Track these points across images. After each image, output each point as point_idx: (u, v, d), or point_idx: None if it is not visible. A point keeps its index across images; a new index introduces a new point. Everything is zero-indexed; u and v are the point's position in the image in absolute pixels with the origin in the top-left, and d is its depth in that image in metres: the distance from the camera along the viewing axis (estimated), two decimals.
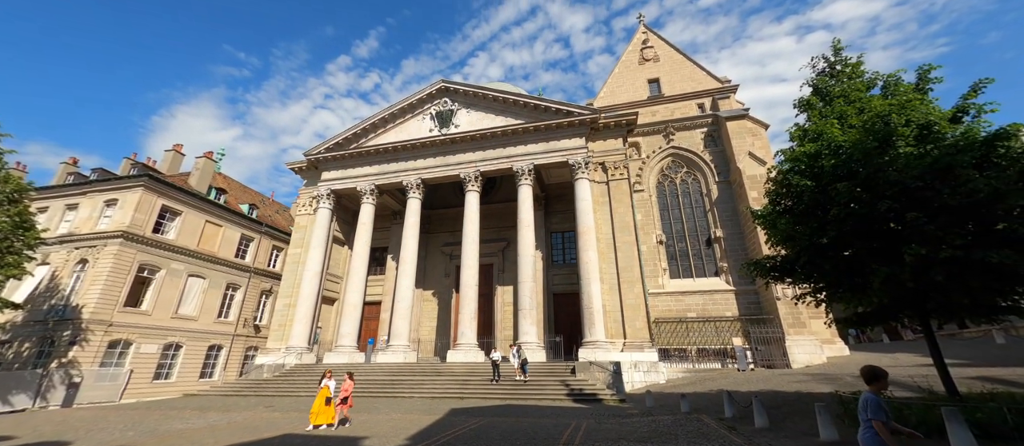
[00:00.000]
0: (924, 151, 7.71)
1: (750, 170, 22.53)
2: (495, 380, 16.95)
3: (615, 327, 19.94)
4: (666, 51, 30.66)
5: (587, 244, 20.84)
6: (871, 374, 4.15)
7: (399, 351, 21.72)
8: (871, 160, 7.69)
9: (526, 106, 24.60)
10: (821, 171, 8.81)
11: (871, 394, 4.03)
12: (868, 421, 3.90)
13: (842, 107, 9.35)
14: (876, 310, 8.43)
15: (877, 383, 4.11)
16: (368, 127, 27.04)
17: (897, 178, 7.29)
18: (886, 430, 3.79)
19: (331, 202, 26.45)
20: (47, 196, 26.51)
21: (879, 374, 4.13)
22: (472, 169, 24.12)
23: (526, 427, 10.41)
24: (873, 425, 3.84)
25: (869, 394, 4.04)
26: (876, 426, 3.81)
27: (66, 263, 23.72)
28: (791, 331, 19.46)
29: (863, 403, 4.02)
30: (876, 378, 4.11)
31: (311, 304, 24.06)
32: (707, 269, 23.70)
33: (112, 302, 22.55)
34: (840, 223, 7.98)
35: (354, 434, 10.24)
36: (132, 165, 28.41)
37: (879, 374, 4.13)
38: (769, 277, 9.99)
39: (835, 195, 7.99)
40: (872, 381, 4.12)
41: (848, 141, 8.44)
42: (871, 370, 4.18)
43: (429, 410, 13.53)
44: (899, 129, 7.84)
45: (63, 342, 21.08)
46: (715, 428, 9.12)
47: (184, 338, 25.86)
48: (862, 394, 4.13)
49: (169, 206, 26.05)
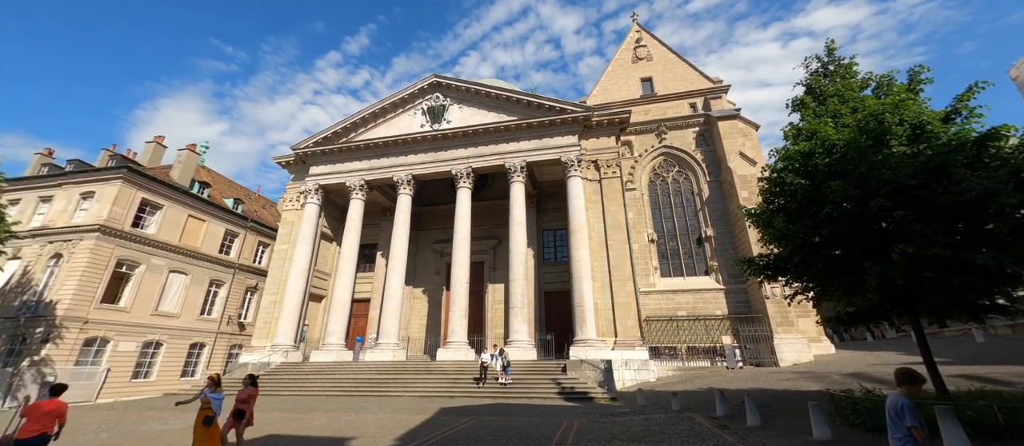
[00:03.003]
0: (917, 150, 7.73)
1: (741, 170, 22.70)
2: (480, 383, 16.63)
3: (606, 325, 19.90)
4: (659, 50, 30.74)
5: (579, 242, 20.75)
6: (907, 377, 3.93)
7: (388, 349, 21.38)
8: (865, 158, 7.68)
9: (519, 103, 24.39)
10: (815, 170, 8.79)
11: (905, 399, 3.79)
12: (907, 428, 3.70)
13: (836, 106, 9.36)
14: (867, 308, 8.47)
15: (912, 386, 3.92)
16: (358, 121, 26.54)
17: (891, 176, 7.29)
18: (926, 438, 3.64)
19: (319, 197, 25.92)
20: (19, 188, 25.43)
21: (915, 377, 3.94)
22: (464, 165, 23.84)
23: (517, 426, 10.26)
24: (914, 433, 3.65)
25: (903, 398, 3.80)
26: (917, 434, 3.63)
27: (39, 257, 22.78)
28: (779, 330, 19.67)
29: (897, 408, 3.77)
30: (912, 381, 3.92)
31: (298, 301, 23.55)
32: (698, 268, 23.83)
33: (88, 298, 21.72)
34: (833, 222, 7.97)
35: (340, 434, 9.96)
36: (111, 157, 27.46)
37: (915, 377, 3.94)
38: (762, 275, 9.98)
39: (829, 193, 7.98)
40: (906, 384, 3.92)
41: (842, 140, 8.44)
42: (907, 373, 3.96)
43: (418, 409, 13.29)
44: (893, 128, 7.85)
45: (36, 339, 20.24)
46: (707, 426, 9.07)
47: (165, 336, 25.08)
48: (891, 397, 3.90)
49: (149, 199, 25.20)
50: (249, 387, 8.05)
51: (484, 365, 16.99)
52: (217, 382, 7.66)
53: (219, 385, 7.67)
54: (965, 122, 8.15)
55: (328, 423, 11.61)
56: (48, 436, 5.96)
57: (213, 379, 7.70)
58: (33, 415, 5.96)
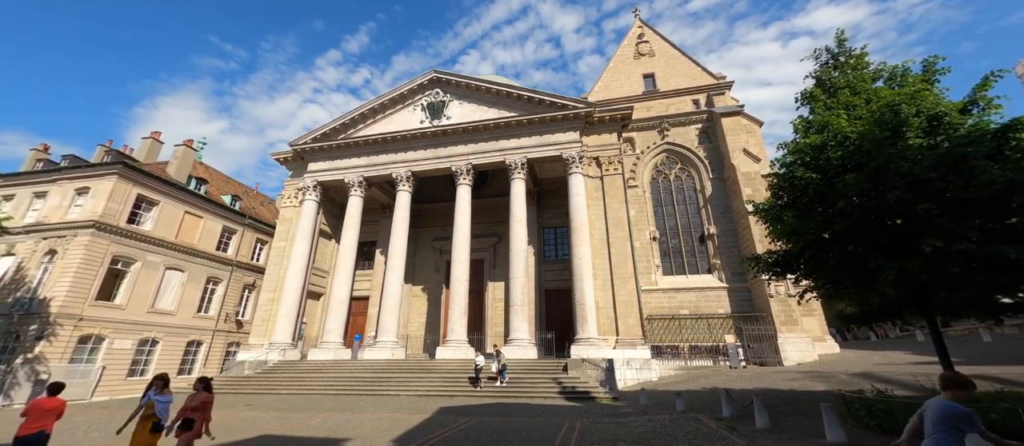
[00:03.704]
0: (935, 142, 7.45)
1: (745, 167, 22.41)
2: (478, 386, 16.11)
3: (608, 324, 19.61)
4: (661, 46, 30.40)
5: (581, 239, 20.45)
6: (955, 381, 3.52)
7: (387, 347, 21.11)
8: (882, 150, 7.39)
9: (520, 99, 24.06)
10: (827, 163, 8.52)
11: (961, 406, 3.38)
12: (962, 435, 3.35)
13: (848, 98, 9.06)
14: (881, 306, 8.18)
15: (959, 391, 3.48)
16: (357, 117, 26.22)
17: (909, 169, 7.00)
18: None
19: (318, 194, 25.61)
20: (13, 183, 25.13)
21: (963, 382, 3.52)
22: (464, 162, 23.53)
23: (518, 427, 9.98)
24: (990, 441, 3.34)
25: (956, 405, 3.38)
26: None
27: (33, 254, 22.49)
28: (783, 329, 19.41)
29: (952, 415, 3.34)
30: (960, 386, 3.49)
31: (296, 299, 23.27)
32: (700, 266, 23.56)
33: (83, 295, 21.44)
34: (847, 216, 7.69)
35: (336, 435, 9.69)
36: (106, 152, 27.13)
37: (963, 382, 3.52)
38: (771, 272, 9.70)
39: (842, 187, 7.69)
40: (953, 389, 3.50)
41: (855, 132, 8.16)
42: (955, 377, 3.57)
43: (417, 409, 13.02)
44: (910, 119, 7.56)
45: (29, 337, 19.97)
46: (714, 428, 8.80)
47: (161, 333, 24.81)
48: (935, 402, 3.49)
49: (145, 195, 24.90)
50: (201, 393, 6.63)
51: (478, 368, 16.28)
52: (165, 382, 6.67)
53: (167, 386, 6.68)
54: (982, 113, 7.88)
55: (324, 422, 11.35)
56: (47, 434, 5.89)
57: (161, 379, 6.63)
58: (33, 413, 5.85)
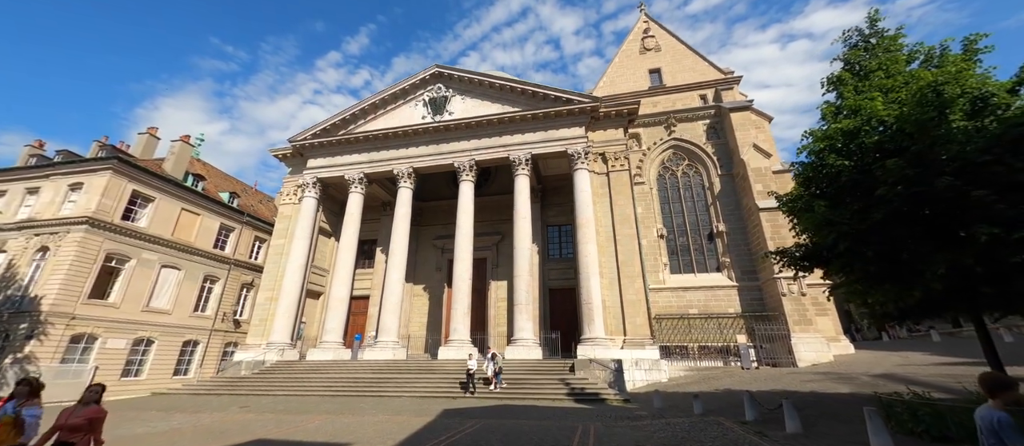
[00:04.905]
0: (982, 124, 6.89)
1: (755, 162, 21.83)
2: (470, 391, 15.16)
3: (615, 323, 19.03)
4: (668, 41, 29.88)
5: (586, 237, 19.87)
6: (999, 384, 3.11)
7: (388, 347, 20.51)
8: (926, 133, 6.83)
9: (523, 93, 23.50)
10: (861, 149, 7.96)
11: (1002, 413, 2.99)
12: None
13: (881, 80, 8.51)
14: (924, 302, 7.61)
15: (1006, 394, 3.07)
16: (358, 113, 25.66)
17: (958, 151, 6.43)
18: None
19: (317, 191, 25.04)
20: (6, 179, 24.54)
21: (1007, 383, 3.12)
22: (466, 158, 22.96)
23: (528, 430, 9.40)
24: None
25: (998, 412, 3.00)
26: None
27: (25, 251, 21.89)
28: (796, 329, 18.83)
29: (991, 423, 2.99)
30: (1005, 388, 3.09)
31: (294, 298, 22.68)
32: (709, 264, 22.98)
33: (75, 293, 20.83)
34: (887, 204, 7.11)
35: (336, 440, 9.11)
36: (101, 147, 26.54)
37: (1007, 383, 3.12)
38: (797, 266, 9.12)
39: (882, 174, 7.12)
40: (999, 393, 3.09)
41: (892, 115, 7.60)
42: (997, 379, 3.15)
43: (419, 411, 12.43)
44: (955, 100, 7.01)
45: (19, 336, 19.36)
46: (741, 433, 8.21)
47: (156, 333, 24.20)
48: (982, 411, 3.11)
49: (140, 192, 24.30)
50: (90, 406, 4.73)
51: (470, 372, 15.18)
52: (35, 390, 4.83)
53: (38, 395, 4.85)
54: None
55: (322, 425, 10.76)
56: None
57: (26, 384, 4.80)
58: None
